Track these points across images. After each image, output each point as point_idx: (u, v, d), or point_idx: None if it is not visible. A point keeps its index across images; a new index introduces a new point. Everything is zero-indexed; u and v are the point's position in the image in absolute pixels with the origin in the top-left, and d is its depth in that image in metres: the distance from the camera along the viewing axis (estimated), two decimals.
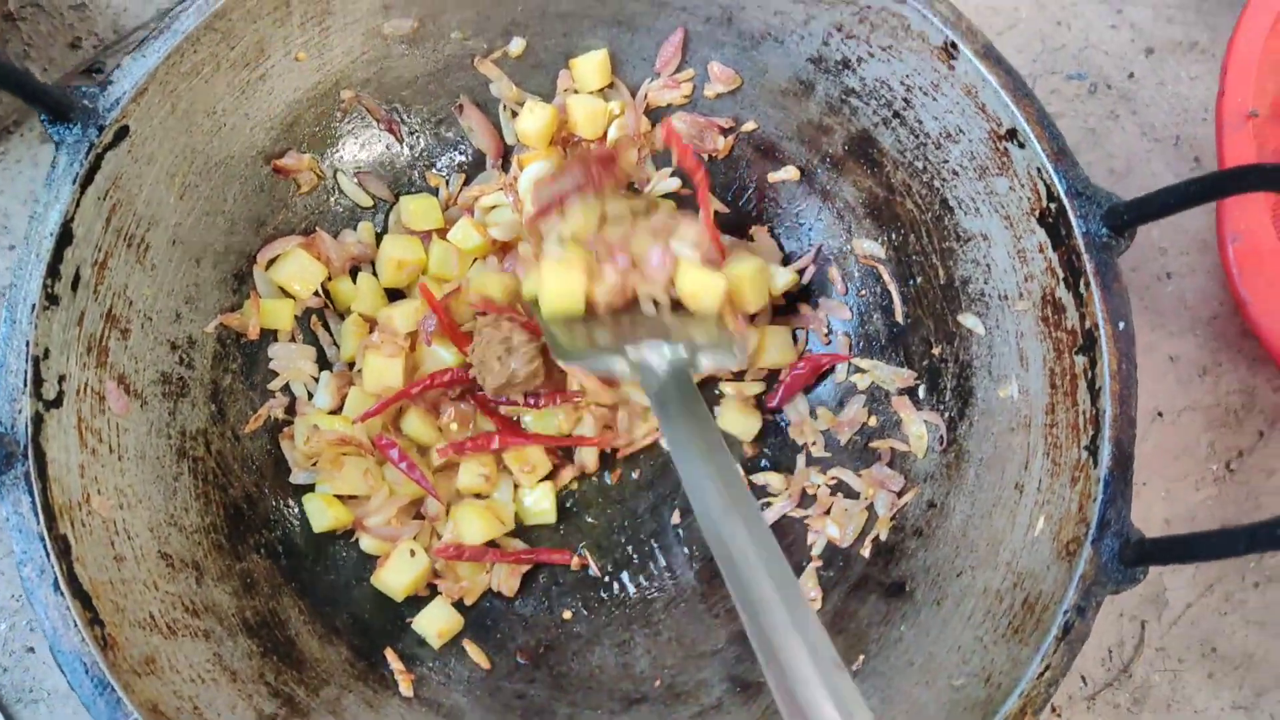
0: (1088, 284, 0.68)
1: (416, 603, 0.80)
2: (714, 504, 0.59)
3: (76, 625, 0.61)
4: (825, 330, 0.87)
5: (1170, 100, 1.11)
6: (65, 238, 0.67)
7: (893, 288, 0.83)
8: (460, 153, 0.88)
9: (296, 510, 0.80)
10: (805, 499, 0.84)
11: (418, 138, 0.87)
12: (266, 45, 0.75)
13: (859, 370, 0.85)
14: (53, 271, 0.66)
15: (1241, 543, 0.57)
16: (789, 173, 0.86)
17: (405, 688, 0.75)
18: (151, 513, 0.70)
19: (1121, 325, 0.67)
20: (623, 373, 0.73)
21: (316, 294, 0.83)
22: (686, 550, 0.84)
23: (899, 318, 0.84)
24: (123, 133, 0.69)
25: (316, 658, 0.74)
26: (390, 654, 0.77)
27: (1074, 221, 0.69)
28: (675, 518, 0.85)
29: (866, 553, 0.80)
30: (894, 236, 0.82)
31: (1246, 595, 0.97)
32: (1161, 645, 0.96)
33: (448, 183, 0.88)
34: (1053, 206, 0.70)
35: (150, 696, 0.62)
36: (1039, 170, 0.70)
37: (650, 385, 0.71)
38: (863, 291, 0.86)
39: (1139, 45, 1.13)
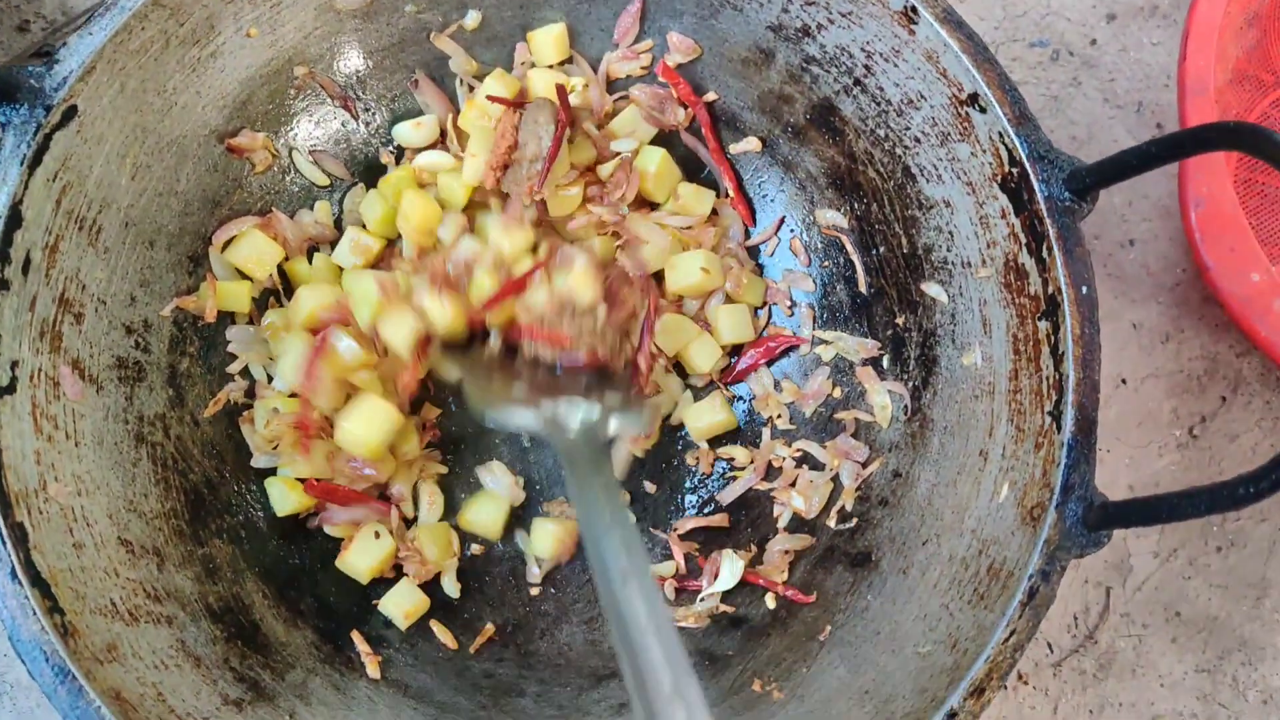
0: (1050, 249, 0.68)
1: (383, 585, 0.79)
2: (613, 568, 0.59)
3: (35, 614, 0.61)
4: (788, 303, 0.87)
5: (1132, 66, 1.12)
6: (14, 221, 0.66)
7: (856, 258, 0.83)
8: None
9: (259, 494, 0.79)
10: (771, 472, 0.84)
11: (374, 114, 0.86)
12: (216, 21, 0.73)
13: (823, 342, 0.85)
14: (2, 255, 0.65)
15: (1203, 504, 0.58)
16: (751, 143, 0.86)
17: (372, 670, 0.75)
18: (110, 499, 0.69)
19: (1084, 290, 0.67)
20: (534, 428, 0.72)
21: (273, 275, 0.82)
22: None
23: (862, 288, 0.83)
24: (71, 113, 0.67)
25: (282, 641, 0.74)
26: (356, 636, 0.77)
27: (1036, 186, 0.69)
28: (650, 487, 0.85)
29: (833, 523, 0.80)
30: (857, 206, 0.82)
31: (1209, 559, 0.98)
32: (1126, 611, 0.97)
33: (396, 160, 0.86)
34: (1014, 171, 0.70)
35: (113, 684, 0.61)
36: (1000, 135, 0.70)
37: (560, 443, 0.70)
38: (826, 262, 0.85)
39: (1101, 11, 1.13)
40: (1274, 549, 0.99)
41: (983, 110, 0.71)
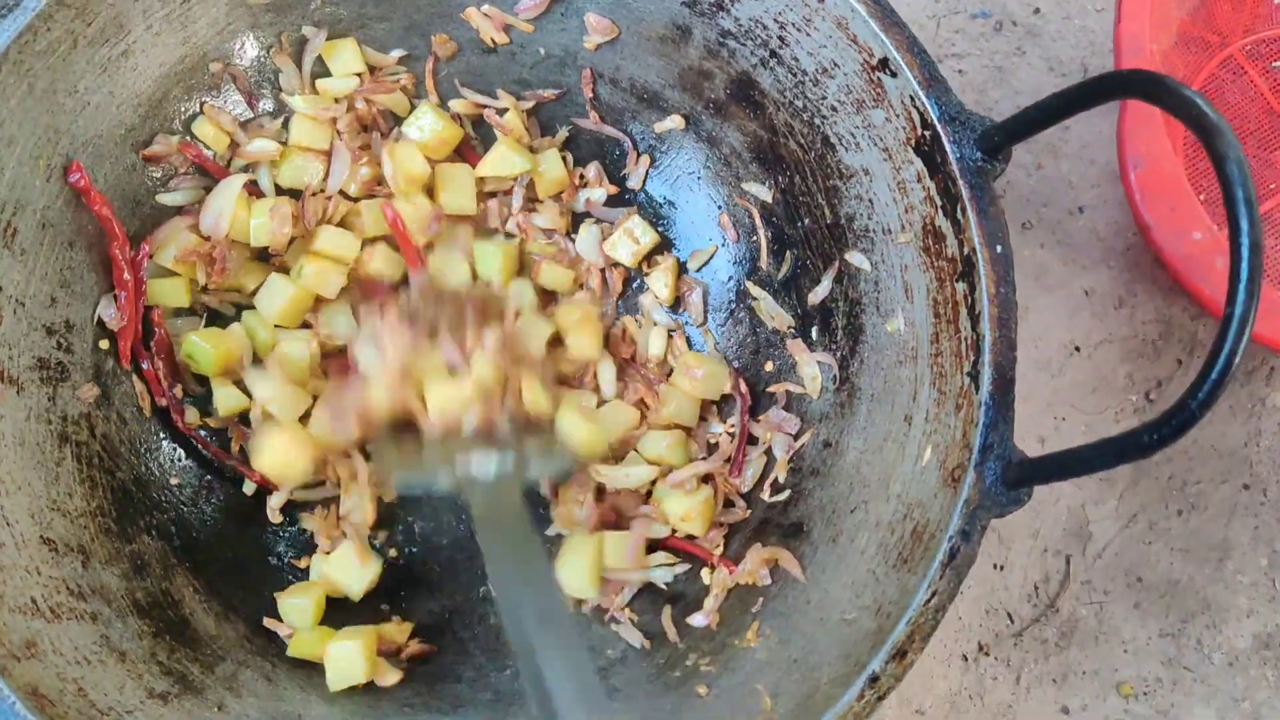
0: (964, 210, 0.67)
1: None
2: (529, 622, 0.57)
3: None
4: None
5: (1076, 34, 1.11)
6: None
7: (761, 233, 0.83)
8: None
9: (189, 491, 0.79)
10: (710, 449, 0.84)
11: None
12: (125, 20, 0.73)
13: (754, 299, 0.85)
14: None
15: (1112, 454, 0.57)
16: (674, 121, 0.85)
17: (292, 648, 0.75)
18: (32, 499, 0.69)
19: (998, 249, 0.67)
20: (446, 488, 0.70)
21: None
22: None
23: (763, 263, 0.85)
24: None
25: (212, 635, 0.74)
26: (270, 621, 0.77)
27: (948, 147, 0.68)
28: None
29: (766, 496, 0.79)
30: (780, 179, 0.82)
31: (1170, 523, 0.98)
32: (1087, 578, 0.96)
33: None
34: (927, 134, 0.69)
35: (30, 680, 0.61)
36: (912, 98, 0.70)
37: (473, 499, 0.68)
38: (754, 237, 0.85)
39: None
40: (1235, 511, 0.98)
41: (893, 74, 0.70)
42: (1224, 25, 1.06)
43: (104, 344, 0.78)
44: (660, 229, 0.89)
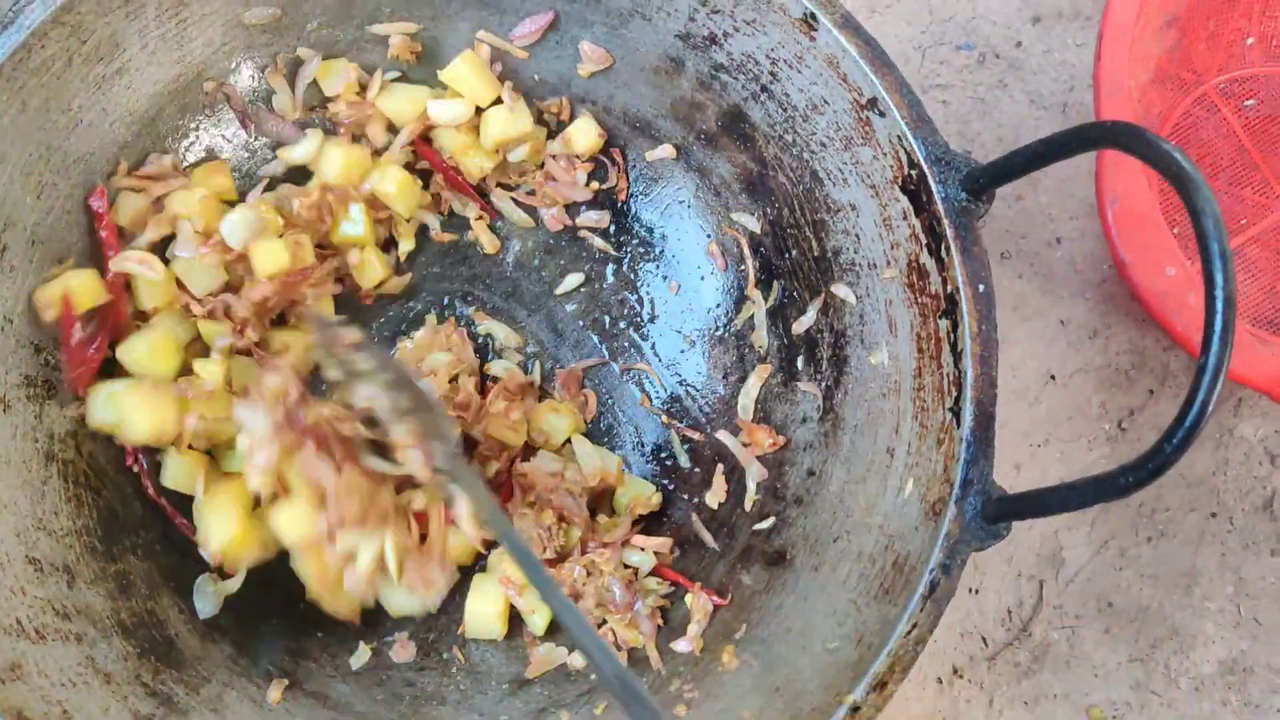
0: (948, 249, 0.69)
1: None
2: None
3: None
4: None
5: (1057, 68, 1.13)
6: None
7: (749, 263, 0.84)
8: None
9: (175, 509, 0.79)
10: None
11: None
12: (121, 39, 0.73)
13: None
14: None
15: (1089, 494, 0.59)
16: (666, 150, 0.86)
17: (274, 694, 0.75)
18: (18, 518, 0.69)
19: (981, 288, 0.68)
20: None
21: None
22: None
23: (750, 291, 0.85)
24: None
25: (198, 656, 0.74)
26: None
27: (934, 187, 0.70)
28: None
29: (756, 525, 0.81)
30: (769, 210, 0.83)
31: (1140, 550, 1.00)
32: (1059, 603, 0.98)
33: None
34: (914, 174, 0.71)
35: (15, 703, 0.61)
36: (899, 138, 0.71)
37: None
38: (742, 266, 0.86)
39: (1026, 14, 1.15)
40: (1203, 538, 1.00)
41: (882, 114, 0.72)
42: (1199, 64, 1.09)
43: None
44: (649, 259, 0.91)
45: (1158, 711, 0.96)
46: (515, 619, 0.80)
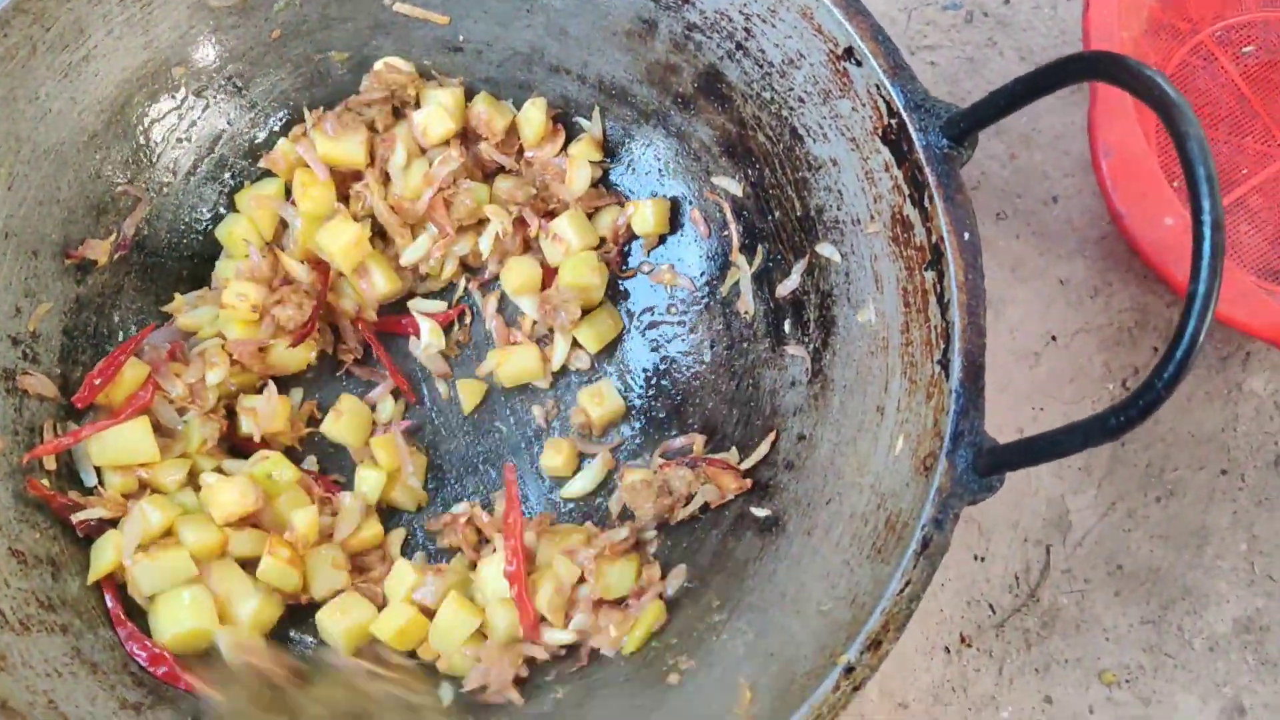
0: (931, 197, 0.67)
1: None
2: None
3: None
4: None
5: (1047, 23, 1.11)
6: None
7: (733, 227, 0.83)
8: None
9: None
10: None
11: (260, 110, 0.85)
12: (85, 25, 0.73)
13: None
14: None
15: (1080, 438, 0.57)
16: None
17: None
18: (0, 511, 0.68)
19: (966, 236, 0.67)
20: None
21: None
22: None
23: (734, 256, 0.84)
24: None
25: None
26: None
27: (914, 135, 0.68)
28: None
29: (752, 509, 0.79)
30: (750, 172, 0.82)
31: (1149, 510, 0.97)
32: (1067, 568, 0.96)
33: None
34: (893, 123, 0.69)
35: (0, 694, 0.61)
36: (878, 87, 0.70)
37: None
38: (725, 231, 0.85)
39: None
40: (1212, 496, 0.98)
41: (858, 63, 0.70)
42: (1194, 12, 1.06)
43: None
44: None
45: (1172, 673, 0.94)
46: None
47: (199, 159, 0.84)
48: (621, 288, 0.89)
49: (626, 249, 0.90)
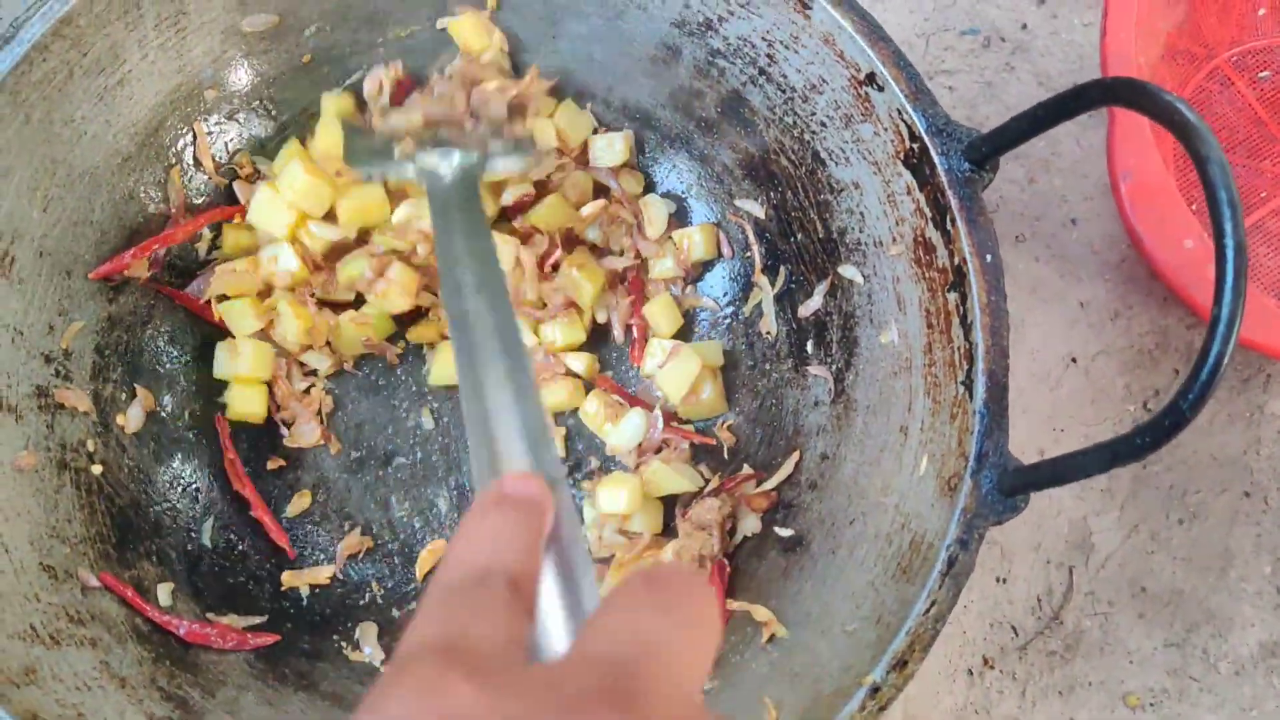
0: (953, 220, 0.68)
1: (319, 599, 0.79)
2: (468, 291, 0.57)
3: None
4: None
5: (1064, 49, 1.12)
6: None
7: (755, 249, 0.83)
8: None
9: (189, 515, 0.79)
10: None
11: (289, 132, 0.86)
12: (121, 50, 0.74)
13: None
14: None
15: (1106, 458, 0.57)
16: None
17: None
18: (32, 526, 0.69)
19: (988, 258, 0.67)
20: (408, 178, 0.76)
21: None
22: None
23: (757, 277, 0.85)
24: None
25: (213, 659, 0.73)
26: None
27: (936, 159, 0.69)
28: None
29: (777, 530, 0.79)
30: (773, 195, 0.82)
31: (1172, 533, 0.97)
32: (1090, 590, 0.96)
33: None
34: (915, 147, 0.70)
35: (29, 706, 0.61)
36: (899, 111, 0.70)
37: (434, 191, 0.71)
38: (748, 253, 0.85)
39: None
40: (1235, 519, 0.97)
41: (880, 89, 0.71)
42: (1210, 37, 1.07)
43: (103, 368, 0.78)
44: None
45: (1198, 697, 0.93)
46: None
47: (230, 180, 0.85)
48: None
49: None
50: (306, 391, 0.84)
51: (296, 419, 0.83)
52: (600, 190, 0.87)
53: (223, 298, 0.82)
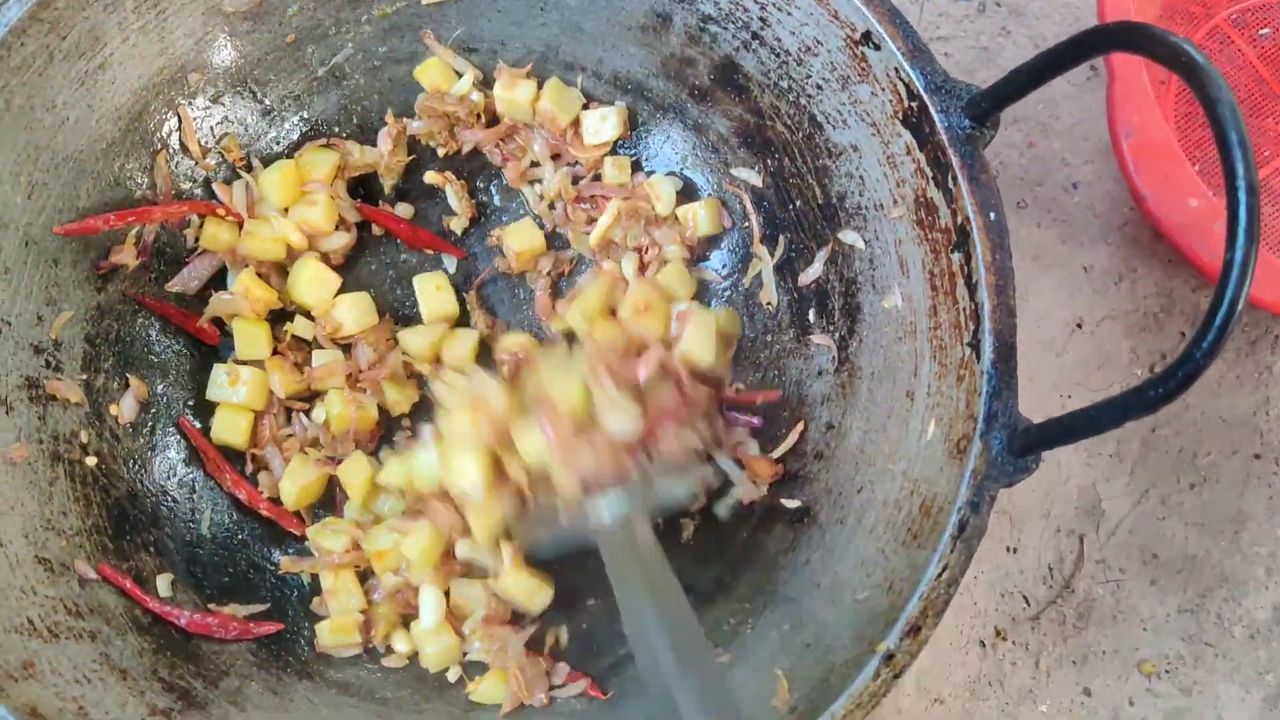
0: (955, 178, 0.66)
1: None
2: (666, 665, 0.56)
3: None
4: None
5: (1060, 10, 1.10)
6: None
7: (753, 218, 0.82)
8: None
9: (187, 505, 0.78)
10: None
11: (277, 115, 0.85)
12: (100, 33, 0.73)
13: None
14: None
15: (1118, 412, 0.56)
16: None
17: None
18: (25, 519, 0.68)
19: (992, 216, 0.66)
20: (591, 539, 0.69)
21: None
22: None
23: (756, 246, 0.83)
24: None
25: (215, 650, 0.72)
26: None
27: (936, 117, 0.67)
28: None
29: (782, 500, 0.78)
30: (770, 162, 0.81)
31: (1183, 497, 0.96)
32: (1101, 558, 0.95)
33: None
34: (914, 105, 0.69)
35: (28, 700, 0.60)
36: (897, 70, 0.69)
37: (603, 542, 0.68)
38: (746, 223, 0.84)
39: None
40: (1247, 481, 0.96)
41: (877, 47, 0.70)
42: None
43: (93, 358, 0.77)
44: None
45: (1213, 663, 0.92)
46: None
47: (217, 164, 0.84)
48: None
49: None
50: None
51: (269, 463, 0.81)
52: None
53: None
